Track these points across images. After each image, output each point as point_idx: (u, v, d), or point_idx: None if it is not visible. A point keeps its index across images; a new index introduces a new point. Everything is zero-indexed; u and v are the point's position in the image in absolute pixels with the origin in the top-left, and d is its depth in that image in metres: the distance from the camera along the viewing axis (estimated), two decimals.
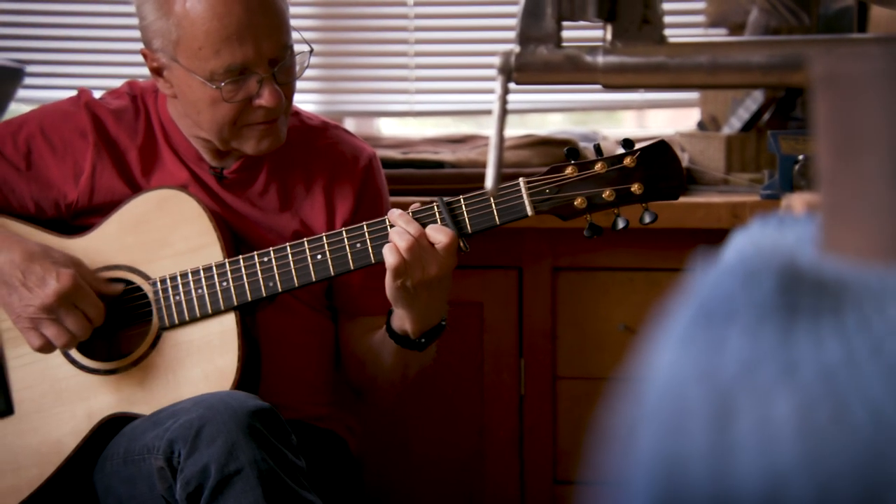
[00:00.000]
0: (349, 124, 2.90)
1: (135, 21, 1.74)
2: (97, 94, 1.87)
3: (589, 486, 2.24)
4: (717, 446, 0.39)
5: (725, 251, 0.64)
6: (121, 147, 1.81)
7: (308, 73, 1.79)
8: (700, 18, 2.63)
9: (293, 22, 1.74)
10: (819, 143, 0.58)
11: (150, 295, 1.73)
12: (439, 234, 1.61)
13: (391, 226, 1.64)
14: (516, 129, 2.71)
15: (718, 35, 2.51)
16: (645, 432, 0.43)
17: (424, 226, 1.62)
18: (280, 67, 1.69)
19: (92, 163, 1.80)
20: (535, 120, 3.06)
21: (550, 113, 3.02)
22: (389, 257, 1.60)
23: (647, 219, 1.63)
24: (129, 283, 1.75)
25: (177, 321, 1.71)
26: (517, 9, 1.00)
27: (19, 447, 1.73)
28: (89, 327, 1.66)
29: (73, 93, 1.87)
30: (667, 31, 0.98)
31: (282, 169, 1.83)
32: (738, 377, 0.41)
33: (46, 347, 1.67)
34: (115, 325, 1.76)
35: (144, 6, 1.70)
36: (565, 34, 1.01)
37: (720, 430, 0.40)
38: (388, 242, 1.63)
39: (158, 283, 1.72)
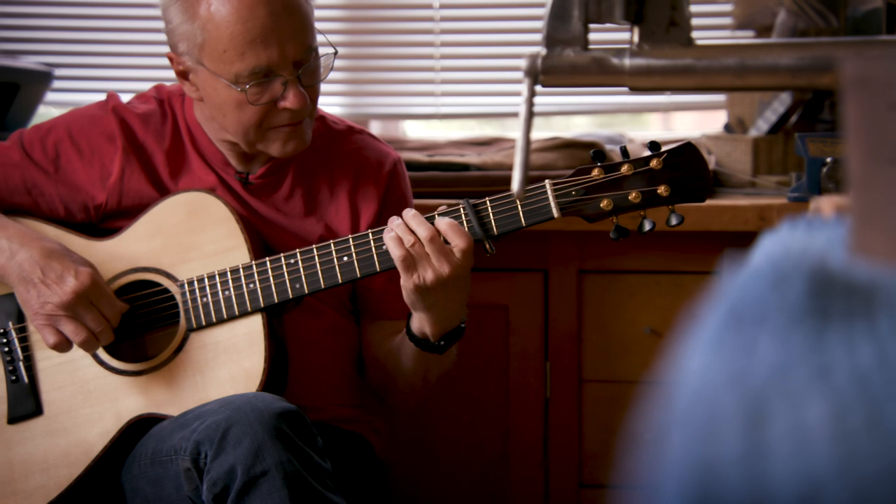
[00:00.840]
0: (374, 127, 2.90)
1: (162, 25, 1.75)
2: (125, 98, 1.88)
3: (615, 489, 2.24)
4: (751, 451, 0.39)
5: (754, 254, 0.64)
6: (148, 151, 1.82)
7: (334, 76, 1.79)
8: (727, 21, 2.62)
9: (319, 25, 1.74)
10: (849, 145, 0.57)
11: (178, 297, 1.73)
12: (457, 238, 1.61)
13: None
14: (541, 131, 2.70)
15: (745, 37, 2.50)
16: (676, 437, 0.42)
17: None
18: (305, 70, 1.69)
19: (120, 166, 1.81)
20: (560, 122, 3.05)
21: (575, 115, 3.01)
22: (394, 249, 1.60)
23: (674, 221, 1.63)
24: (156, 285, 1.75)
25: (204, 323, 1.72)
26: (543, 12, 1.00)
27: (48, 447, 1.74)
28: (107, 326, 1.67)
29: (102, 96, 1.88)
30: (693, 34, 0.98)
31: (307, 174, 1.83)
32: (771, 382, 0.41)
33: (62, 345, 1.68)
34: (143, 326, 1.77)
35: (170, 10, 1.70)
36: (591, 36, 1.01)
37: (753, 435, 0.39)
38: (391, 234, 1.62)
39: (186, 285, 1.73)
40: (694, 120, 3.05)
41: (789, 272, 0.47)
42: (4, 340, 1.78)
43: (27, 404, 1.76)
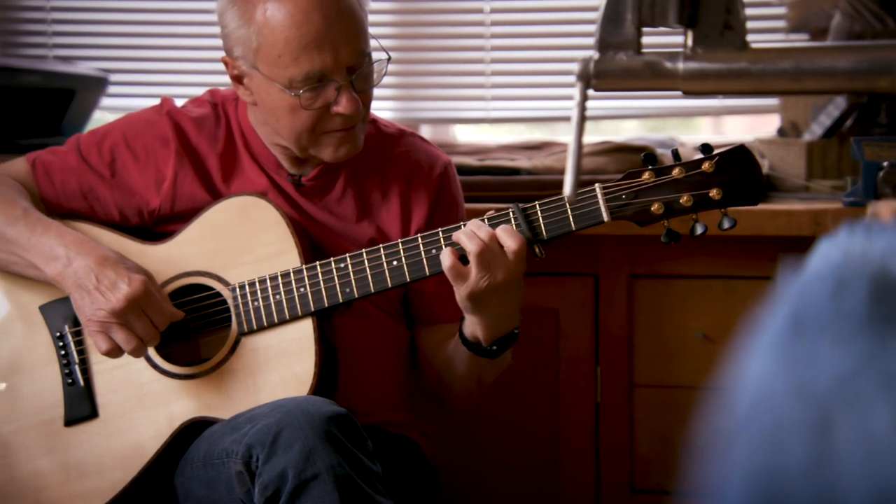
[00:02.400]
0: (425, 131, 2.91)
1: (216, 30, 1.76)
2: (179, 103, 1.90)
3: (667, 495, 2.22)
4: (818, 459, 0.39)
5: (811, 260, 0.63)
6: (201, 154, 1.84)
7: (385, 80, 1.79)
8: (780, 24, 2.60)
9: (371, 30, 1.75)
10: None
11: (230, 300, 1.75)
12: (510, 240, 1.60)
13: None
14: (591, 135, 2.69)
15: (799, 40, 2.48)
16: (738, 444, 0.42)
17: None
18: (358, 75, 1.70)
19: (174, 170, 1.82)
20: (610, 126, 3.04)
21: (625, 119, 3.00)
22: (445, 259, 1.60)
23: (726, 224, 1.61)
24: (209, 288, 1.77)
25: (255, 327, 1.73)
26: (594, 16, 1.00)
27: (103, 450, 1.76)
28: (157, 334, 1.69)
29: (156, 101, 1.90)
30: (748, 37, 0.97)
31: (358, 176, 1.84)
32: (835, 389, 0.40)
33: (114, 352, 1.69)
34: (196, 330, 1.78)
35: (226, 15, 1.72)
36: (644, 40, 1.00)
37: (819, 443, 0.39)
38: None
39: (237, 289, 1.74)
40: (745, 124, 3.02)
41: (850, 278, 0.47)
42: (61, 344, 1.81)
43: (83, 407, 1.78)
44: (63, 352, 1.80)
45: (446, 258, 1.61)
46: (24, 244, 1.74)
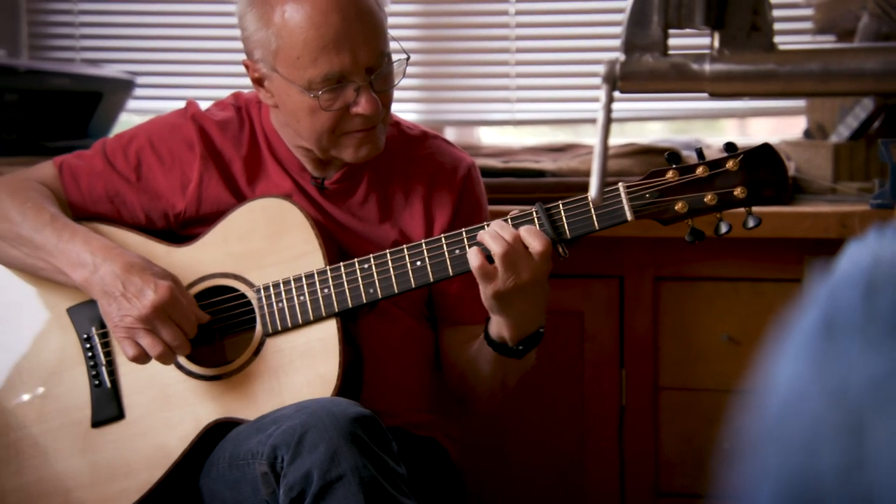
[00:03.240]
0: (449, 133, 2.91)
1: (239, 33, 1.77)
2: (204, 106, 1.90)
3: (693, 498, 2.21)
4: (851, 463, 0.38)
5: (841, 262, 0.62)
6: (226, 158, 1.84)
7: (409, 82, 1.80)
8: (807, 25, 2.59)
9: (394, 32, 1.75)
10: None
11: (254, 302, 1.75)
12: (534, 241, 1.60)
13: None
14: (615, 137, 2.69)
15: (826, 42, 2.46)
16: (770, 448, 0.42)
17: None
18: (377, 75, 1.70)
19: (199, 173, 1.83)
20: (635, 128, 3.03)
21: (650, 121, 2.99)
22: (473, 259, 1.60)
23: (751, 223, 1.60)
24: (233, 290, 1.77)
25: (280, 328, 1.74)
26: (617, 17, 1.00)
27: (130, 451, 1.77)
28: (184, 340, 1.69)
29: (181, 104, 1.91)
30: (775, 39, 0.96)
31: (382, 179, 1.84)
32: (868, 392, 0.40)
33: (141, 358, 1.70)
34: (221, 331, 1.79)
35: (245, 18, 1.72)
36: (670, 42, 1.00)
37: (853, 447, 0.39)
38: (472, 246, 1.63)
39: (262, 291, 1.75)
40: (771, 126, 3.01)
41: (881, 281, 0.46)
42: (88, 346, 1.82)
43: (110, 408, 1.79)
44: (90, 353, 1.81)
45: (474, 258, 1.61)
46: (51, 250, 1.75)
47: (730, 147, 1.61)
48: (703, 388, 2.20)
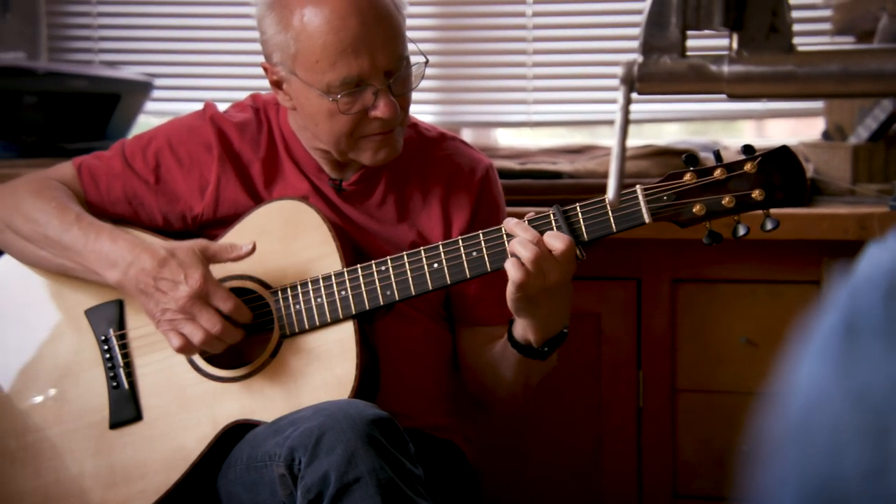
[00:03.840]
0: (466, 135, 2.91)
1: (258, 36, 1.77)
2: (222, 108, 1.91)
3: (711, 501, 2.20)
4: (876, 466, 0.38)
5: (861, 264, 0.62)
6: (244, 160, 1.85)
7: (426, 84, 1.80)
8: (825, 26, 2.58)
9: (412, 34, 1.75)
10: None
11: (272, 304, 1.75)
12: (556, 241, 1.59)
13: (508, 234, 1.63)
14: (632, 139, 2.68)
15: (846, 43, 2.45)
16: (792, 451, 0.41)
17: (541, 233, 1.61)
18: (395, 79, 1.70)
19: (217, 176, 1.83)
20: (652, 130, 3.03)
21: (667, 123, 2.99)
22: (513, 272, 1.59)
23: (769, 225, 1.59)
24: (251, 292, 1.78)
25: (297, 330, 1.74)
26: (634, 19, 1.00)
27: (148, 452, 1.77)
28: (227, 324, 1.68)
29: (199, 106, 1.91)
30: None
31: (399, 180, 1.84)
32: (891, 395, 0.40)
33: (187, 347, 1.70)
34: None
35: (265, 21, 1.73)
36: (688, 43, 0.99)
37: (877, 450, 0.38)
38: (504, 252, 1.62)
39: (279, 293, 1.75)
40: (789, 128, 3.00)
41: None
42: (106, 347, 1.82)
43: (128, 410, 1.79)
44: (108, 355, 1.82)
45: (514, 271, 1.58)
46: (80, 250, 1.76)
47: (748, 149, 1.60)
48: (720, 390, 2.20)
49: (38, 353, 1.86)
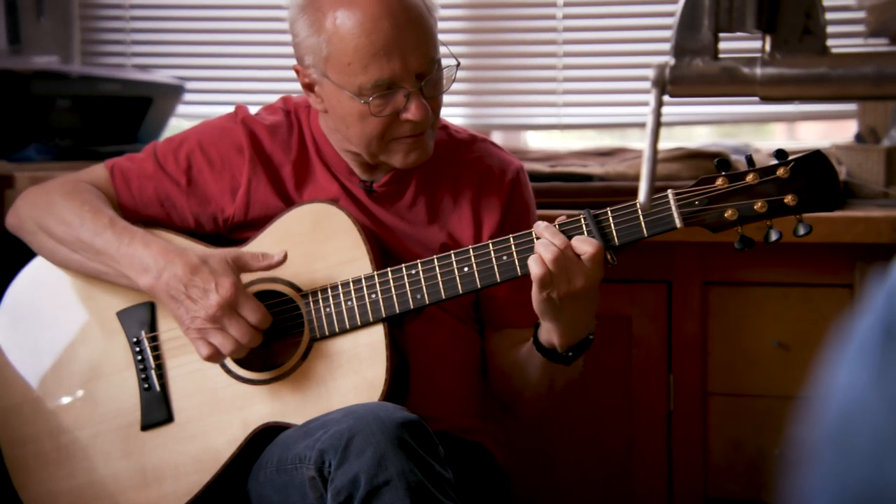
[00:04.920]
0: (496, 137, 2.91)
1: (288, 38, 1.78)
2: (253, 110, 1.92)
3: None
4: None
5: None
6: (275, 162, 1.85)
7: (456, 86, 1.79)
8: (860, 28, 2.56)
9: (441, 36, 1.75)
10: None
11: (302, 307, 1.76)
12: (585, 245, 1.59)
13: (537, 238, 1.63)
14: (663, 141, 2.67)
15: (880, 45, 2.43)
16: (830, 457, 0.41)
17: (570, 237, 1.61)
18: (427, 81, 1.70)
19: (248, 177, 1.84)
20: (682, 133, 3.01)
21: (697, 126, 2.97)
22: (535, 268, 1.59)
23: (802, 231, 1.58)
24: (282, 295, 1.78)
25: (327, 332, 1.74)
26: (670, 21, 0.99)
27: (179, 454, 1.78)
28: (254, 333, 1.69)
29: (230, 109, 1.92)
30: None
31: (430, 182, 1.84)
32: None
33: (215, 356, 1.71)
34: (269, 336, 1.80)
35: (297, 23, 1.73)
36: (720, 45, 0.99)
37: None
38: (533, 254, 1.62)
39: (310, 296, 1.76)
40: (821, 130, 2.98)
41: None
42: (138, 349, 1.83)
43: (159, 412, 1.80)
44: (139, 357, 1.83)
45: (536, 267, 1.59)
46: (113, 254, 1.77)
47: (780, 154, 1.59)
48: (752, 394, 2.19)
49: (71, 354, 1.87)
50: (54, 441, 1.85)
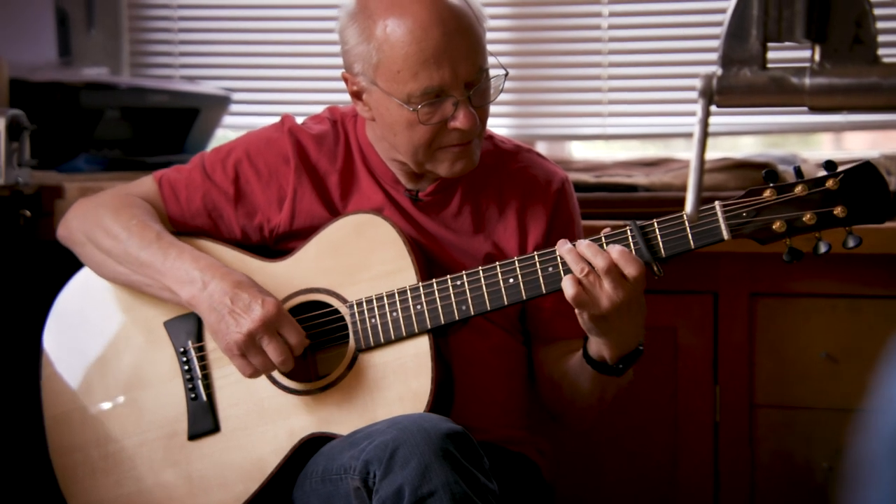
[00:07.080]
0: (541, 148, 2.90)
1: (335, 48, 1.79)
2: (299, 120, 1.93)
3: None
4: None
5: None
6: (321, 172, 1.86)
7: (502, 97, 1.79)
8: None
9: (488, 46, 1.75)
10: None
11: (347, 317, 1.76)
12: (628, 265, 1.58)
13: (575, 257, 1.62)
14: (709, 151, 2.65)
15: None
16: (886, 471, 0.40)
17: (613, 248, 1.60)
18: (475, 90, 1.71)
19: (293, 187, 1.85)
20: (728, 143, 2.99)
21: (743, 136, 2.95)
22: (568, 289, 1.59)
23: (851, 243, 1.57)
24: (326, 305, 1.79)
25: (372, 343, 1.74)
26: (718, 31, 0.99)
27: (226, 464, 1.79)
28: (289, 355, 1.71)
29: (277, 119, 1.93)
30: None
31: (475, 192, 1.84)
32: None
33: (254, 373, 1.73)
34: (314, 346, 1.81)
35: (347, 31, 1.74)
36: (768, 55, 0.98)
37: None
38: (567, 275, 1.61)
39: (355, 306, 1.76)
40: (868, 139, 2.95)
41: None
42: (185, 359, 1.85)
43: (206, 421, 1.82)
44: (186, 367, 1.84)
45: (569, 287, 1.59)
46: (158, 268, 1.78)
47: (829, 165, 1.58)
48: (800, 406, 2.16)
49: (118, 363, 1.89)
50: (101, 450, 1.87)
